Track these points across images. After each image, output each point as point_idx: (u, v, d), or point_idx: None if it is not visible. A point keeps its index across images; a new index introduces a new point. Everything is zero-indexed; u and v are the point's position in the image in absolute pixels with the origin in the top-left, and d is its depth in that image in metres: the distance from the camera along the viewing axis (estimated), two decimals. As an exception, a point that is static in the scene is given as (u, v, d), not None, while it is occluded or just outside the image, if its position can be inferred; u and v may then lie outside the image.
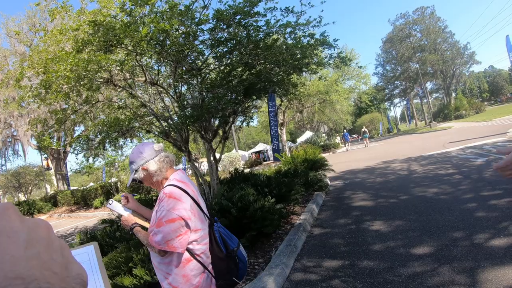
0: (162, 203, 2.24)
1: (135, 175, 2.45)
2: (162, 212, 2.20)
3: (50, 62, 6.96)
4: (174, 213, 2.19)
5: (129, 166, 2.52)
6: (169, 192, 2.29)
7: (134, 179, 2.48)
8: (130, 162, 2.50)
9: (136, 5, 6.52)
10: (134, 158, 2.46)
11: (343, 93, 36.22)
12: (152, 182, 2.48)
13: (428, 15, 68.14)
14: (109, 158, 21.65)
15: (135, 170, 2.45)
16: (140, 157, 2.45)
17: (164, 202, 2.23)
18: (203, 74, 8.26)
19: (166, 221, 2.16)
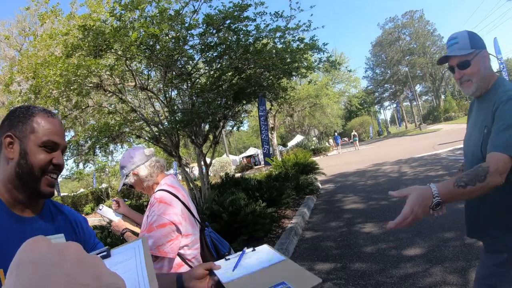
0: (153, 208, 2.23)
1: (126, 180, 2.43)
2: (153, 217, 2.18)
3: (40, 67, 6.91)
4: (164, 218, 2.17)
5: (120, 171, 2.50)
6: (159, 197, 2.27)
7: (125, 184, 2.46)
8: (121, 167, 2.47)
9: (126, 9, 6.51)
10: (124, 163, 2.44)
11: (333, 96, 36.42)
12: (143, 187, 2.46)
13: (417, 18, 68.95)
14: (100, 164, 21.51)
15: (125, 175, 2.43)
16: (130, 162, 2.43)
17: (155, 207, 2.22)
18: (193, 78, 8.26)
19: (157, 226, 2.15)
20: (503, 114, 1.70)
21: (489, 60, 1.97)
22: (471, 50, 1.91)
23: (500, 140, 1.64)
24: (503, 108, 1.71)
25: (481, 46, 1.94)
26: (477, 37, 1.97)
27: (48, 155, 1.33)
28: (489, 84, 1.94)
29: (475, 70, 1.91)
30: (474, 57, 1.91)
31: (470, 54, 1.91)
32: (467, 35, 1.97)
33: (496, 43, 19.62)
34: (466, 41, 1.95)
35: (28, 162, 1.28)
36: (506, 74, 20.22)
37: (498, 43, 19.61)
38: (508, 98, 1.72)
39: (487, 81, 1.93)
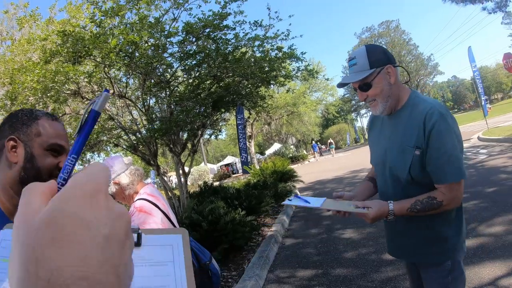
0: (132, 217, 2.18)
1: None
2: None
3: (17, 72, 6.77)
4: (144, 227, 2.12)
5: None
6: (139, 206, 2.26)
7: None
8: None
9: (106, 16, 6.44)
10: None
11: (311, 105, 36.73)
12: (124, 196, 2.43)
13: (393, 28, 70.29)
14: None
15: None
16: (110, 171, 2.36)
17: (134, 216, 2.20)
18: (171, 87, 8.21)
19: None
20: (442, 138, 1.69)
21: (396, 75, 1.86)
22: (370, 71, 1.81)
23: (448, 171, 1.70)
24: (439, 130, 1.68)
25: (383, 62, 1.82)
26: (377, 53, 1.85)
27: (55, 159, 1.30)
28: (402, 100, 1.89)
29: (378, 91, 1.83)
30: (374, 78, 1.82)
31: (369, 76, 1.82)
32: (365, 53, 1.84)
33: (471, 52, 20.09)
34: (364, 61, 1.83)
35: (35, 166, 1.24)
36: (480, 81, 20.68)
37: (472, 51, 20.08)
38: (440, 114, 1.69)
39: (396, 98, 1.88)
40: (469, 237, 4.86)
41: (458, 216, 1.88)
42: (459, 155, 1.70)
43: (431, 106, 1.73)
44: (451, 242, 1.85)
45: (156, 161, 8.40)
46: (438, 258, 1.88)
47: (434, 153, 1.71)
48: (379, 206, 1.82)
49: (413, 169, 1.78)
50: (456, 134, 1.72)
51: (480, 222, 5.40)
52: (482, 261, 4.06)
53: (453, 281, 1.86)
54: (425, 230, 1.89)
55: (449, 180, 1.70)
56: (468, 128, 28.40)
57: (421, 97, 1.88)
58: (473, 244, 4.60)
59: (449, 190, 1.71)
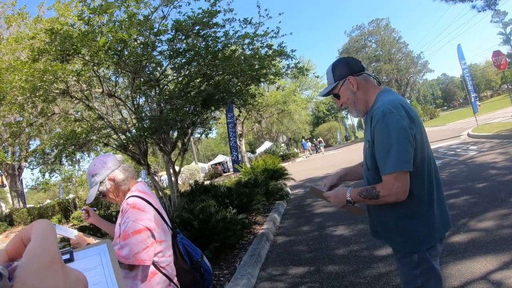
0: (126, 214, 2.17)
1: (101, 187, 2.33)
2: (127, 224, 2.12)
3: (5, 71, 6.67)
4: (139, 224, 2.13)
5: (90, 180, 2.37)
6: (132, 202, 2.23)
7: (100, 192, 2.34)
8: (92, 174, 2.35)
9: (94, 13, 6.37)
10: (97, 169, 2.34)
11: (301, 103, 36.69)
12: (117, 193, 2.39)
13: (383, 26, 70.55)
14: (66, 174, 20.90)
15: (99, 182, 2.33)
16: (105, 168, 2.35)
17: (128, 213, 2.17)
18: (161, 85, 8.15)
19: (132, 233, 2.09)
20: (381, 135, 1.88)
21: (358, 83, 2.10)
22: (334, 84, 2.15)
23: (385, 164, 1.86)
24: (379, 127, 1.88)
25: (344, 75, 2.11)
26: (340, 67, 2.15)
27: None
28: (370, 102, 2.11)
29: (345, 99, 2.15)
30: (340, 88, 2.14)
31: (334, 88, 2.16)
32: (331, 70, 2.19)
33: (460, 50, 20.22)
34: (330, 76, 2.18)
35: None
36: (470, 79, 20.82)
37: (461, 49, 20.21)
38: (382, 113, 1.88)
39: (363, 102, 2.13)
40: (460, 232, 4.89)
41: (423, 210, 1.96)
42: (400, 149, 1.81)
43: (380, 104, 1.94)
44: (412, 235, 1.97)
45: (146, 160, 8.35)
46: (402, 247, 2.02)
47: (377, 147, 1.92)
48: (338, 189, 2.21)
49: (367, 159, 2.06)
50: (400, 130, 1.82)
51: (471, 217, 5.43)
52: (473, 255, 4.08)
53: (422, 275, 1.97)
54: (387, 219, 2.07)
55: (387, 171, 1.85)
56: (458, 125, 28.63)
57: (383, 96, 2.05)
58: (464, 239, 4.63)
59: (387, 181, 1.86)
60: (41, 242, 0.43)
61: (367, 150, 2.06)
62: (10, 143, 8.92)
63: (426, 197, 1.95)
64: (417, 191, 1.92)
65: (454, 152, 13.02)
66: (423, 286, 1.98)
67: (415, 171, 1.88)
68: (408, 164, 1.81)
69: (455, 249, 4.39)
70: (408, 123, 1.85)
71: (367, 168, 2.10)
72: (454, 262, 4.02)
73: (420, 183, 1.94)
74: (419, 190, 1.93)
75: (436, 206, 1.99)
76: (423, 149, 1.94)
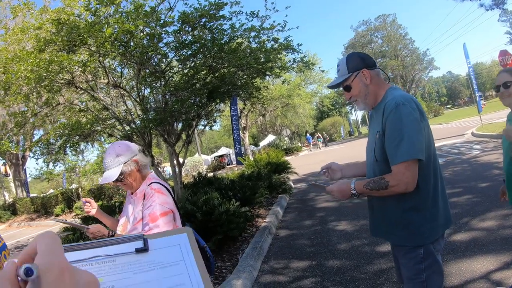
0: (152, 198, 2.30)
1: (125, 168, 2.38)
2: (154, 207, 2.24)
3: (10, 61, 6.68)
4: (165, 207, 2.27)
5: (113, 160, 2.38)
6: (157, 188, 2.37)
7: (122, 172, 2.38)
8: (116, 155, 2.38)
9: (101, 4, 6.37)
10: (122, 151, 2.40)
11: (306, 97, 36.69)
12: (135, 177, 2.46)
13: (390, 22, 70.03)
14: (70, 164, 20.93)
15: (123, 163, 2.37)
16: (129, 150, 2.43)
17: (154, 197, 2.30)
18: (166, 77, 8.16)
19: (160, 214, 2.22)
20: (393, 126, 1.93)
21: (371, 76, 2.15)
22: (348, 75, 2.16)
23: (397, 153, 1.89)
24: (392, 118, 1.93)
25: (359, 67, 2.14)
26: (354, 59, 2.18)
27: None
28: (379, 96, 2.16)
29: (356, 91, 2.17)
30: (352, 80, 2.16)
31: (348, 79, 2.17)
32: (345, 60, 2.20)
33: (465, 48, 20.09)
34: (344, 67, 2.19)
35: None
36: (474, 77, 20.71)
37: (467, 48, 20.09)
38: (395, 104, 1.93)
39: (373, 95, 2.17)
40: (461, 231, 4.91)
41: (428, 204, 1.99)
42: (412, 139, 1.86)
43: (392, 97, 2.00)
44: (418, 228, 1.99)
45: (150, 151, 8.38)
46: (407, 241, 2.04)
47: (388, 137, 1.95)
48: (341, 182, 2.19)
49: (376, 151, 2.07)
50: (412, 121, 1.88)
51: (473, 216, 5.44)
52: (474, 254, 4.10)
53: (427, 269, 2.00)
54: (392, 212, 2.08)
55: (398, 160, 1.88)
56: (462, 123, 28.55)
57: (393, 91, 2.11)
58: (466, 238, 4.65)
59: (397, 171, 1.89)
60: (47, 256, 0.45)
61: (376, 141, 2.07)
62: (15, 133, 8.93)
63: (431, 191, 1.99)
64: (423, 185, 1.95)
65: (458, 151, 13.00)
66: (427, 280, 2.00)
67: (422, 164, 1.92)
68: (420, 152, 1.85)
69: (456, 247, 4.40)
70: (419, 116, 1.91)
71: (375, 160, 2.10)
72: (455, 260, 4.04)
73: (427, 177, 1.97)
74: (425, 184, 1.97)
75: (441, 201, 2.03)
76: (429, 144, 1.98)
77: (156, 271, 0.72)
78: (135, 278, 0.70)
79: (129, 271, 0.70)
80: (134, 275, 0.70)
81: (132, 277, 0.70)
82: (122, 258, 0.73)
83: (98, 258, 0.72)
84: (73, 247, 0.73)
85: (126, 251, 0.74)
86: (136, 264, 0.72)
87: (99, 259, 0.71)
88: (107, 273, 0.69)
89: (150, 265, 0.73)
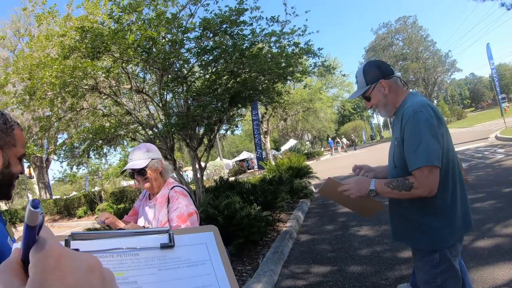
0: (177, 200, 2.43)
1: (153, 162, 2.53)
2: (181, 209, 2.37)
3: (36, 68, 6.89)
4: (190, 208, 2.40)
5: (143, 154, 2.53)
6: (180, 190, 2.51)
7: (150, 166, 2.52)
8: (148, 150, 2.56)
9: (124, 12, 6.51)
10: (152, 149, 2.59)
11: (327, 101, 36.54)
12: (157, 177, 2.57)
13: (410, 24, 69.38)
14: (93, 167, 21.33)
15: (152, 158, 2.53)
16: (158, 152, 2.62)
17: (180, 199, 2.43)
18: (188, 82, 8.26)
19: (188, 215, 2.35)
20: (411, 132, 1.96)
21: (389, 86, 2.21)
22: (366, 87, 2.26)
23: (416, 158, 1.91)
24: (410, 124, 1.96)
25: (376, 78, 2.22)
26: (371, 71, 2.26)
27: (20, 166, 1.40)
28: (398, 103, 2.22)
29: (375, 101, 2.26)
30: (371, 92, 2.25)
31: (366, 91, 2.26)
32: (362, 73, 2.29)
33: (489, 49, 19.72)
34: (362, 79, 2.29)
35: (10, 172, 1.34)
36: (497, 79, 20.31)
37: (490, 48, 19.72)
38: (413, 111, 1.97)
39: (393, 103, 2.23)
40: (484, 238, 4.81)
41: (446, 209, 2.02)
42: (429, 145, 1.88)
43: (410, 104, 2.03)
44: (436, 232, 2.02)
45: (172, 155, 8.48)
46: (424, 244, 2.08)
47: (406, 143, 1.99)
48: (359, 178, 2.23)
49: (395, 156, 2.13)
50: (430, 127, 1.91)
51: (496, 222, 5.34)
52: (497, 262, 4.02)
53: (442, 274, 2.02)
54: (411, 217, 2.12)
55: (418, 165, 1.90)
56: (485, 126, 27.97)
57: (412, 98, 2.15)
58: (488, 244, 4.56)
59: (420, 174, 1.90)
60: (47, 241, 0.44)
61: (395, 148, 2.13)
62: (40, 136, 9.16)
63: (449, 197, 2.00)
64: (441, 190, 1.96)
65: (481, 155, 12.75)
66: (443, 285, 2.02)
67: (440, 170, 1.93)
68: (437, 159, 1.88)
69: (478, 254, 4.32)
70: (437, 123, 1.94)
71: (394, 165, 2.15)
72: (477, 267, 3.97)
73: (445, 183, 1.99)
74: (444, 189, 1.98)
75: (459, 206, 2.04)
76: (448, 150, 2.00)
77: (182, 269, 0.70)
78: (159, 275, 0.67)
79: (154, 267, 0.68)
80: (158, 272, 0.68)
81: (157, 273, 0.68)
82: (146, 253, 0.71)
83: (120, 250, 0.70)
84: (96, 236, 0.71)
85: (151, 245, 0.72)
86: (161, 260, 0.70)
87: (121, 252, 0.70)
88: (129, 267, 0.67)
89: (176, 262, 0.71)
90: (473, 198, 6.87)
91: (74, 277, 0.41)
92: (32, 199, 0.42)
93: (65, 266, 0.41)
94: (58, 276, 0.40)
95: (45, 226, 0.45)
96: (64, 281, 0.40)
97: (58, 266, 0.41)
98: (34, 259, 0.42)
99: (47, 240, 0.43)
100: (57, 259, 0.42)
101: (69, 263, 0.42)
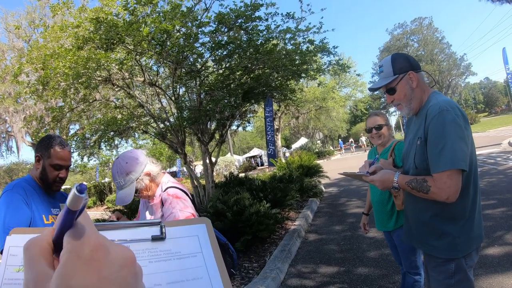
0: (171, 205, 2.21)
1: (138, 185, 2.26)
2: (175, 214, 2.16)
3: (49, 58, 6.92)
4: (187, 212, 2.19)
5: (124, 179, 2.24)
6: (173, 193, 2.28)
7: (137, 189, 2.27)
8: (126, 173, 2.23)
9: (139, 3, 6.51)
10: (131, 167, 2.25)
11: (340, 100, 36.38)
12: (150, 187, 2.35)
13: (426, 25, 68.79)
14: (103, 158, 21.46)
15: (135, 179, 2.25)
16: (138, 163, 2.27)
17: (173, 203, 2.22)
18: (202, 76, 8.23)
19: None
20: (436, 132, 1.84)
21: (418, 80, 2.05)
22: (394, 77, 2.05)
23: (439, 160, 1.80)
24: (435, 124, 1.85)
25: (405, 69, 2.04)
26: (401, 60, 2.08)
27: (56, 171, 2.43)
28: (423, 101, 2.08)
29: (402, 95, 2.07)
30: (398, 83, 2.06)
31: (393, 81, 2.06)
32: (390, 61, 2.10)
33: (505, 53, 19.48)
34: (389, 69, 2.08)
35: (46, 173, 2.41)
36: (513, 84, 20.05)
37: (506, 53, 19.46)
38: (439, 110, 1.85)
39: (418, 100, 2.08)
40: (495, 245, 4.74)
41: (465, 216, 1.92)
42: (455, 147, 1.77)
43: (436, 102, 1.92)
44: (452, 240, 1.92)
45: (183, 149, 8.48)
46: (440, 252, 1.97)
47: (430, 144, 1.87)
48: (385, 171, 2.10)
49: (416, 157, 1.98)
50: (456, 128, 1.80)
51: (507, 230, 5.25)
52: (506, 270, 3.95)
53: (456, 285, 1.93)
54: (428, 221, 2.02)
55: (440, 169, 1.78)
56: (499, 132, 27.63)
57: (436, 96, 2.03)
58: (498, 252, 4.49)
59: (439, 178, 1.79)
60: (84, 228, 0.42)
61: (416, 148, 1.98)
62: (52, 126, 9.21)
63: (470, 203, 1.91)
64: (462, 196, 1.86)
65: (494, 161, 12.59)
66: None
67: (464, 174, 1.83)
68: (464, 162, 1.76)
69: (488, 261, 4.25)
70: (464, 124, 1.83)
71: (414, 167, 2.00)
72: (486, 275, 3.90)
73: (467, 188, 1.89)
74: (464, 196, 1.88)
75: (477, 215, 1.95)
76: (472, 153, 1.90)
77: (172, 261, 0.69)
78: (150, 267, 0.66)
79: (145, 259, 0.67)
80: (149, 264, 0.67)
81: (148, 265, 0.66)
82: (137, 245, 0.70)
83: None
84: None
85: (142, 237, 0.71)
86: (152, 252, 0.69)
87: None
88: None
89: (167, 255, 0.70)
90: (485, 204, 6.77)
91: (108, 271, 0.39)
92: (79, 183, 0.41)
93: (101, 257, 0.40)
94: (92, 267, 0.38)
95: (85, 212, 0.45)
96: (99, 274, 0.38)
97: (94, 257, 0.39)
98: (70, 245, 0.40)
99: (85, 228, 0.42)
100: (94, 249, 0.40)
101: (105, 255, 0.40)
